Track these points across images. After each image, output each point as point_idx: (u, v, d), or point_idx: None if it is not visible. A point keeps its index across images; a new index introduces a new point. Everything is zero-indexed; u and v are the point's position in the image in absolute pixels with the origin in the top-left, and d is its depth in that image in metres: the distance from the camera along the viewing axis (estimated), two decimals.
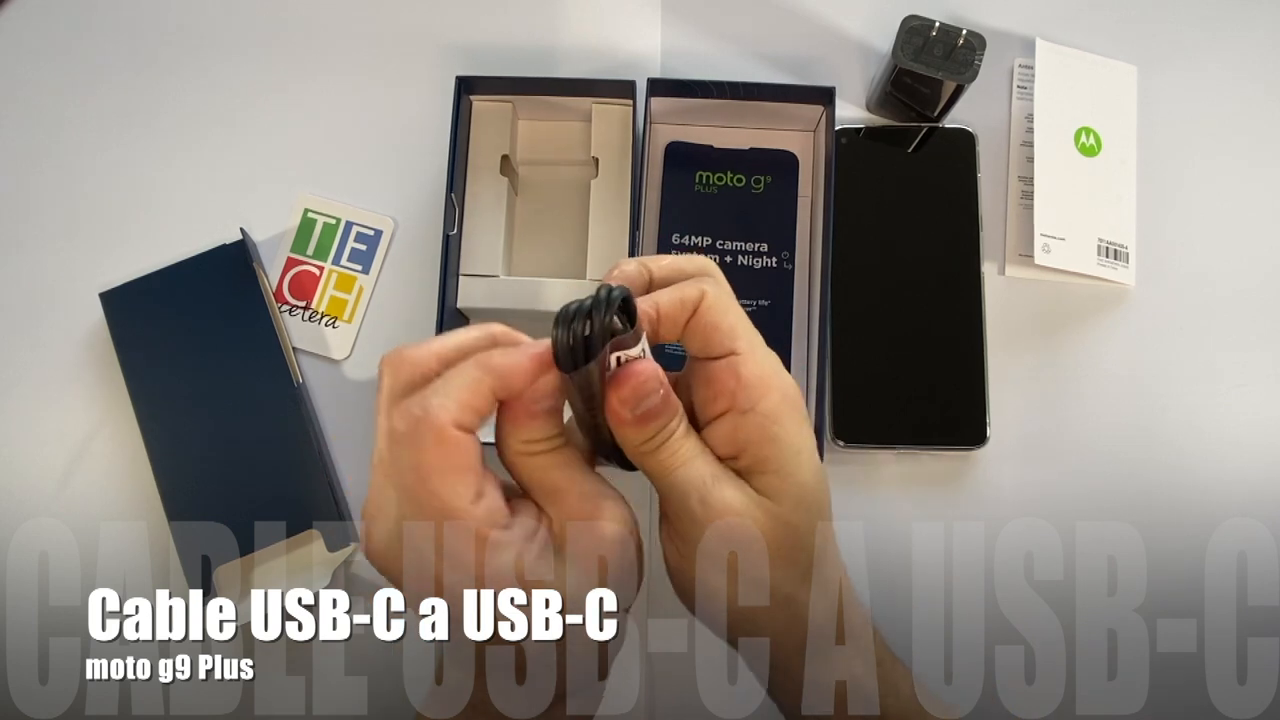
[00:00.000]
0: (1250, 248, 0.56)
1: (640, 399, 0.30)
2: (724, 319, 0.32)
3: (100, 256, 0.56)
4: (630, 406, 0.30)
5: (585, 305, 0.29)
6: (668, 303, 0.31)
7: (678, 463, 0.32)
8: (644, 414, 0.30)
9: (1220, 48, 0.59)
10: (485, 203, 0.54)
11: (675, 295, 0.31)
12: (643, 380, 0.30)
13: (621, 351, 0.30)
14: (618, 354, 0.30)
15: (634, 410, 0.30)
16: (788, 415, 0.32)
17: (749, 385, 0.31)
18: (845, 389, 0.52)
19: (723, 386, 0.32)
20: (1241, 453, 0.53)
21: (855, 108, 0.58)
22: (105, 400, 0.54)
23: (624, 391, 0.30)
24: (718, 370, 0.32)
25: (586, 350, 0.29)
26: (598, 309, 0.28)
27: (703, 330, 0.32)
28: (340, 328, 0.55)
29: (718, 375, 0.32)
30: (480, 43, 0.59)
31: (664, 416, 0.31)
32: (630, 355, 0.30)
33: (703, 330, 0.32)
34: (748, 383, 0.31)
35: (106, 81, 0.59)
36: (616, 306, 0.29)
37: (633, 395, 0.30)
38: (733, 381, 0.31)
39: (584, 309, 0.28)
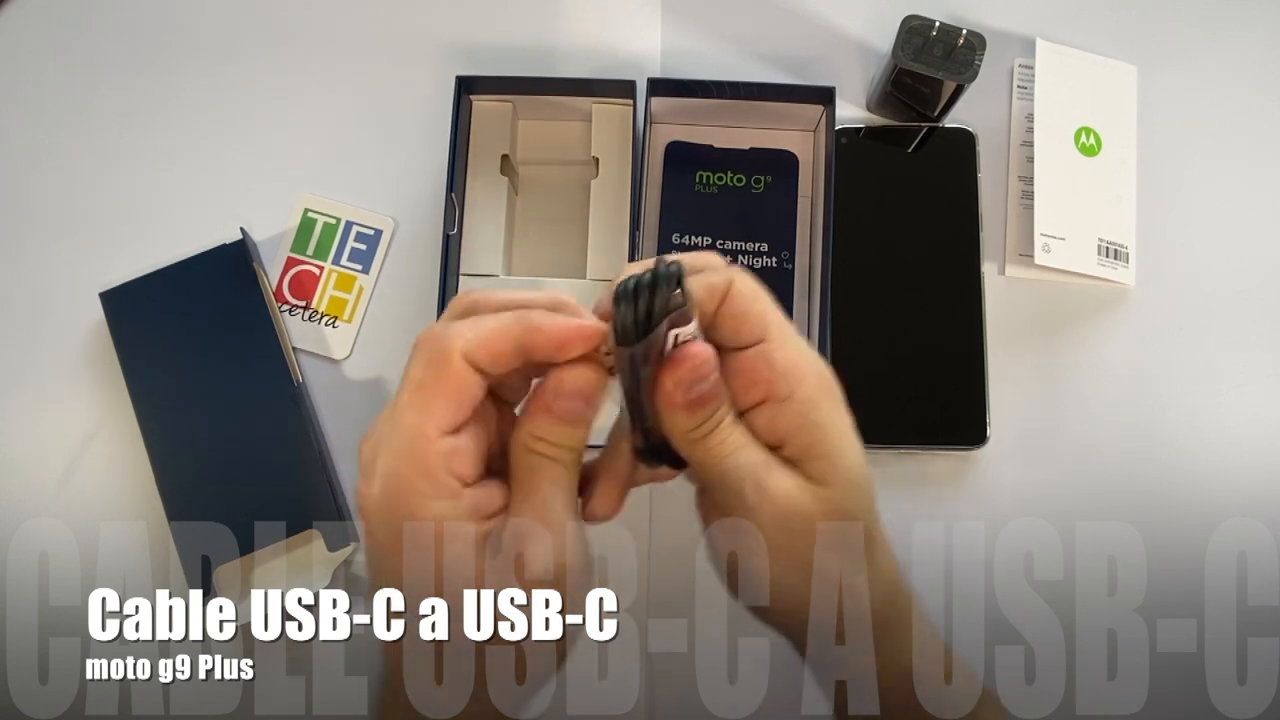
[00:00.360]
0: (1250, 248, 0.56)
1: (695, 381, 0.29)
2: (754, 305, 0.31)
3: (100, 256, 0.56)
4: (685, 389, 0.29)
5: (646, 278, 0.27)
6: (697, 290, 0.30)
7: (728, 450, 0.31)
8: (698, 398, 0.29)
9: (1220, 48, 0.59)
10: (485, 202, 0.54)
11: (703, 282, 0.30)
12: (699, 362, 0.29)
13: (678, 329, 0.29)
14: (674, 331, 0.29)
15: (688, 393, 0.29)
16: (826, 400, 0.31)
17: (784, 372, 0.30)
18: (845, 388, 0.52)
19: (756, 376, 0.31)
20: (1241, 453, 0.53)
21: (855, 108, 0.58)
22: (105, 400, 0.54)
23: (680, 373, 0.29)
24: (749, 359, 0.31)
25: (648, 323, 0.28)
26: (662, 282, 0.27)
27: (732, 318, 0.31)
28: (340, 328, 0.55)
29: (750, 365, 0.31)
30: (480, 43, 0.59)
31: (716, 401, 0.30)
32: (685, 335, 0.29)
33: (732, 318, 0.31)
34: (783, 370, 0.30)
35: (107, 81, 0.59)
36: (676, 281, 0.27)
37: (689, 377, 0.29)
38: (766, 370, 0.30)
39: (646, 282, 0.27)
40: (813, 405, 0.31)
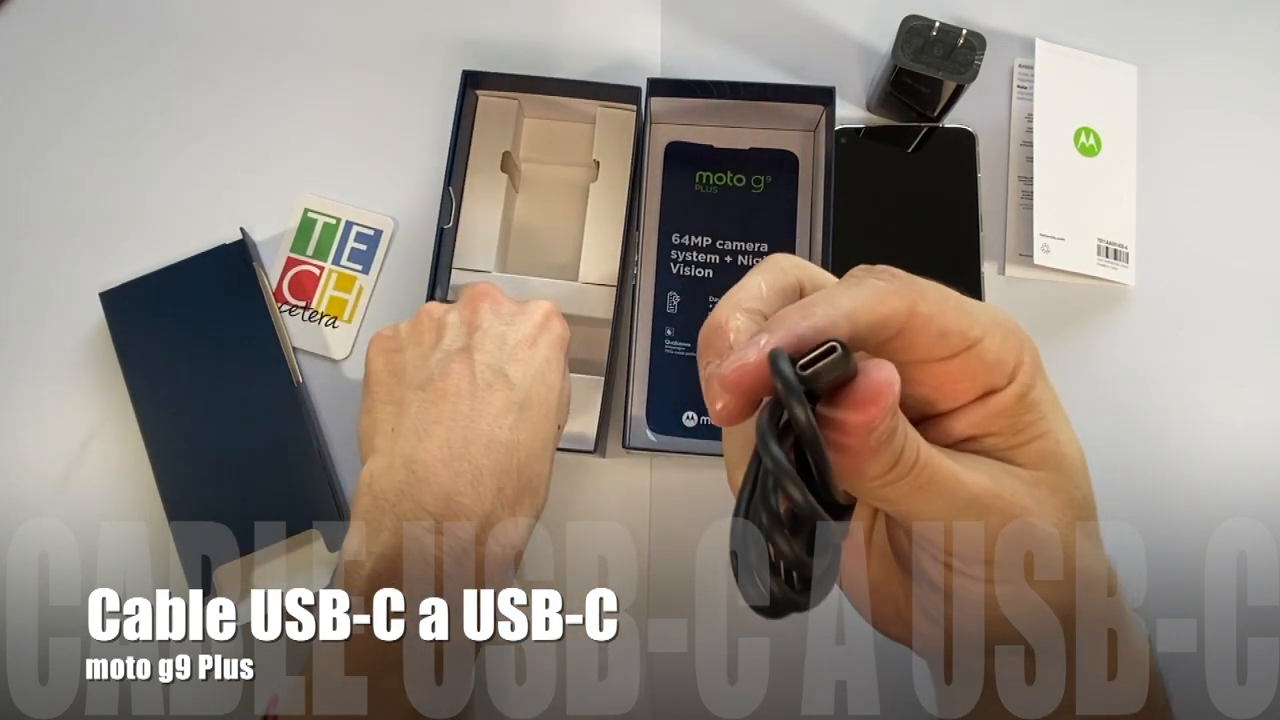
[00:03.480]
0: (1250, 247, 0.56)
1: (882, 420, 0.22)
2: (950, 320, 0.24)
3: (100, 256, 0.56)
4: (871, 433, 0.22)
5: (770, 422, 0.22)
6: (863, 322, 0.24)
7: (941, 479, 0.25)
8: (887, 433, 0.23)
9: (1220, 48, 0.59)
10: (484, 198, 0.54)
11: (870, 315, 0.24)
12: (887, 393, 0.22)
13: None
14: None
15: (875, 437, 0.22)
16: (1040, 373, 0.26)
17: (1003, 363, 0.25)
18: None
19: (971, 379, 0.26)
20: (1241, 453, 0.53)
21: (855, 108, 0.58)
22: (105, 400, 0.54)
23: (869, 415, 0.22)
24: (959, 364, 0.25)
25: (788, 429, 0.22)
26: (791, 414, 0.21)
27: (929, 341, 0.25)
28: (340, 328, 0.55)
29: (960, 369, 0.25)
30: (480, 42, 0.59)
31: (901, 429, 0.23)
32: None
33: (929, 341, 0.25)
34: (1001, 362, 0.25)
35: (106, 81, 0.59)
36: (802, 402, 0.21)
37: (880, 416, 0.22)
38: (983, 370, 0.25)
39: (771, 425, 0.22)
40: (1030, 383, 0.26)
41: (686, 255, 0.55)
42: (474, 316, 0.42)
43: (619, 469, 0.53)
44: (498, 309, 0.42)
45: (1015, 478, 0.26)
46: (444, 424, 0.38)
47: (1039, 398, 0.26)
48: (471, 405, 0.38)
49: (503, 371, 0.40)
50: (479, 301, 0.43)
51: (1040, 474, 0.26)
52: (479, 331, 0.41)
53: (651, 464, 0.53)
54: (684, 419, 0.52)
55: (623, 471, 0.53)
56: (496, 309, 0.42)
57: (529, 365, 0.40)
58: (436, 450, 0.37)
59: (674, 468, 0.53)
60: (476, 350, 0.40)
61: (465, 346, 0.40)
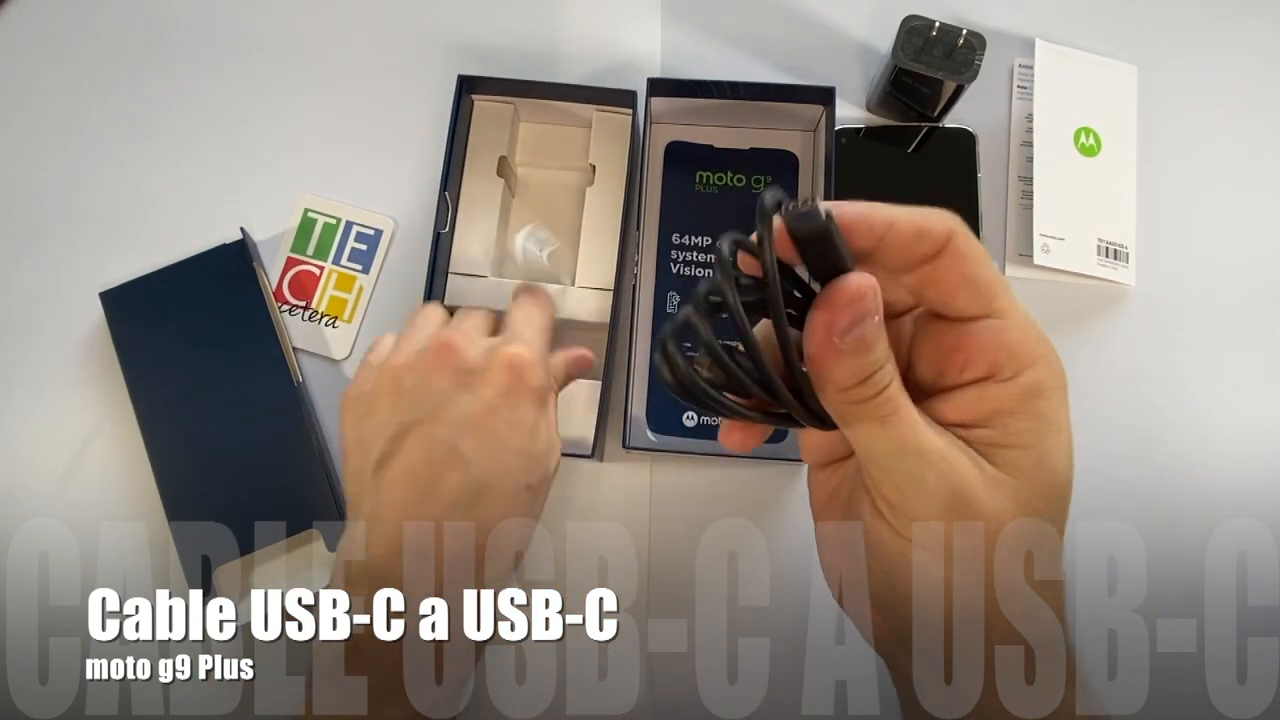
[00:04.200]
0: (1250, 247, 0.56)
1: (856, 322, 0.24)
2: (982, 270, 0.25)
3: (100, 256, 0.56)
4: (841, 331, 0.24)
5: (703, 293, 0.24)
6: (903, 225, 0.24)
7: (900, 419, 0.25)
8: (858, 342, 0.24)
9: (1220, 48, 0.59)
10: (480, 202, 0.54)
11: (911, 220, 0.24)
12: (858, 294, 0.23)
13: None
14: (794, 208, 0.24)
15: (844, 337, 0.24)
16: (1056, 392, 0.26)
17: (1015, 352, 0.25)
18: None
19: (978, 353, 0.26)
20: (1241, 453, 0.53)
21: (855, 108, 0.58)
22: (105, 400, 0.54)
23: (839, 316, 0.24)
24: (975, 333, 0.26)
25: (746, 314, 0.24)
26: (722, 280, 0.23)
27: (954, 281, 0.25)
28: (340, 328, 0.55)
29: (976, 339, 0.26)
30: (481, 43, 0.60)
31: (879, 350, 0.24)
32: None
33: (954, 281, 0.25)
34: (1014, 350, 0.25)
35: (107, 81, 0.59)
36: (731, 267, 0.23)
37: (849, 318, 0.24)
38: (992, 347, 0.25)
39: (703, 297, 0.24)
40: (1037, 393, 0.25)
41: (687, 255, 0.55)
42: (430, 376, 0.38)
43: (619, 469, 0.53)
44: (459, 365, 0.38)
45: (977, 466, 0.26)
46: (396, 509, 0.36)
47: (1044, 411, 0.25)
48: (425, 490, 0.36)
49: (457, 449, 0.36)
50: (438, 358, 0.39)
51: (1008, 479, 0.26)
52: (433, 398, 0.38)
53: (651, 464, 0.53)
54: (684, 419, 0.52)
55: (622, 472, 0.53)
56: (458, 365, 0.38)
57: (487, 438, 0.37)
58: (389, 538, 0.36)
59: (674, 468, 0.53)
60: (430, 422, 0.37)
61: (417, 419, 0.37)
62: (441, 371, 0.38)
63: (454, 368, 0.38)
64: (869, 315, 0.24)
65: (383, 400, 0.39)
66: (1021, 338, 0.25)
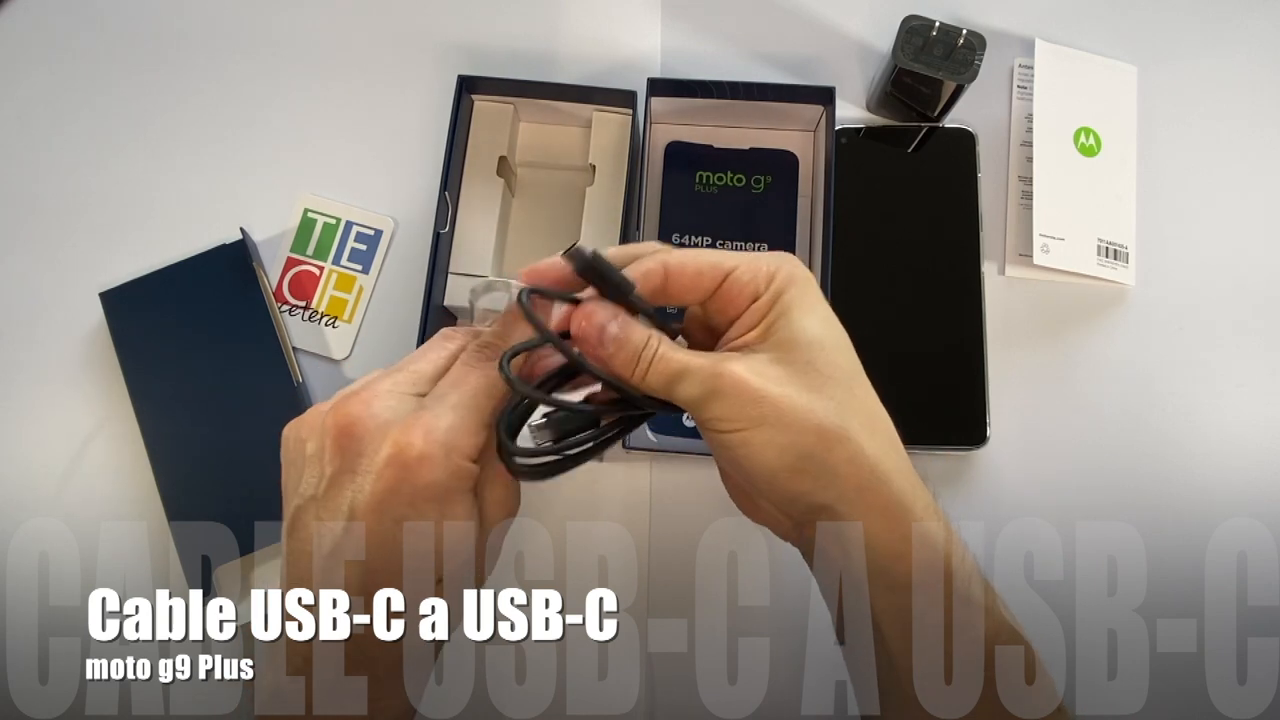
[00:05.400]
0: (1250, 247, 0.56)
1: (601, 333, 0.31)
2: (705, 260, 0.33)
3: (100, 256, 0.56)
4: (600, 344, 0.31)
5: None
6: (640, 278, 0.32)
7: (674, 365, 0.32)
8: (617, 340, 0.31)
9: (1220, 48, 0.59)
10: (480, 202, 0.54)
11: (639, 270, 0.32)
12: (587, 316, 0.31)
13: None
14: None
15: (605, 346, 0.31)
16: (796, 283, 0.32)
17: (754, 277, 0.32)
18: None
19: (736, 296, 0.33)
20: (1241, 453, 0.53)
21: (855, 108, 0.58)
22: (105, 400, 0.54)
23: (591, 343, 0.31)
24: (724, 290, 0.33)
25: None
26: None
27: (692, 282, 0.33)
28: (340, 328, 0.55)
29: (726, 293, 0.33)
30: (481, 43, 0.60)
31: (635, 337, 0.32)
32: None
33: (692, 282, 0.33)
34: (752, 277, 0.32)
35: (107, 81, 0.59)
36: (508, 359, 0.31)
37: (596, 335, 0.31)
38: (737, 287, 0.32)
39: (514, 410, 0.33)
40: (783, 289, 0.32)
41: None
42: (325, 449, 0.34)
43: (619, 469, 0.53)
44: (347, 448, 0.33)
45: (745, 357, 0.32)
46: (288, 580, 0.35)
47: (790, 303, 0.32)
48: (314, 574, 0.34)
49: (342, 546, 0.33)
50: (336, 431, 0.34)
51: (772, 352, 0.32)
52: (325, 479, 0.34)
53: (651, 464, 0.53)
54: (684, 419, 0.52)
55: (622, 472, 0.53)
56: (346, 448, 0.33)
57: (374, 536, 0.33)
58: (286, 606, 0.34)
59: (674, 468, 0.53)
60: (320, 504, 0.34)
61: (312, 495, 0.34)
62: (336, 449, 0.34)
63: (343, 449, 0.34)
64: (606, 324, 0.31)
65: (293, 459, 0.36)
66: (753, 267, 0.32)
